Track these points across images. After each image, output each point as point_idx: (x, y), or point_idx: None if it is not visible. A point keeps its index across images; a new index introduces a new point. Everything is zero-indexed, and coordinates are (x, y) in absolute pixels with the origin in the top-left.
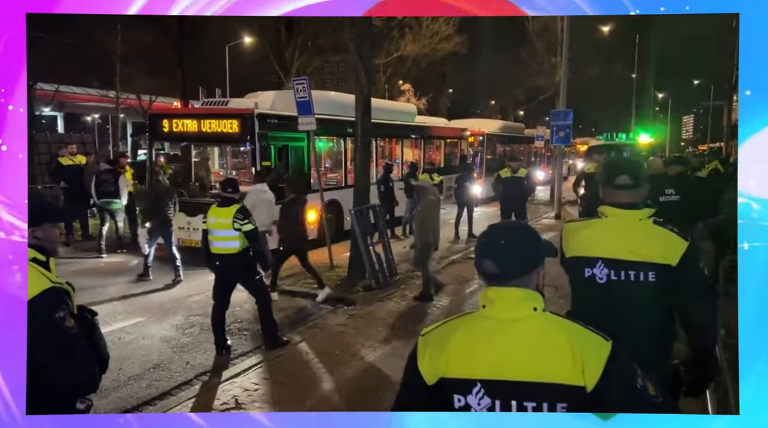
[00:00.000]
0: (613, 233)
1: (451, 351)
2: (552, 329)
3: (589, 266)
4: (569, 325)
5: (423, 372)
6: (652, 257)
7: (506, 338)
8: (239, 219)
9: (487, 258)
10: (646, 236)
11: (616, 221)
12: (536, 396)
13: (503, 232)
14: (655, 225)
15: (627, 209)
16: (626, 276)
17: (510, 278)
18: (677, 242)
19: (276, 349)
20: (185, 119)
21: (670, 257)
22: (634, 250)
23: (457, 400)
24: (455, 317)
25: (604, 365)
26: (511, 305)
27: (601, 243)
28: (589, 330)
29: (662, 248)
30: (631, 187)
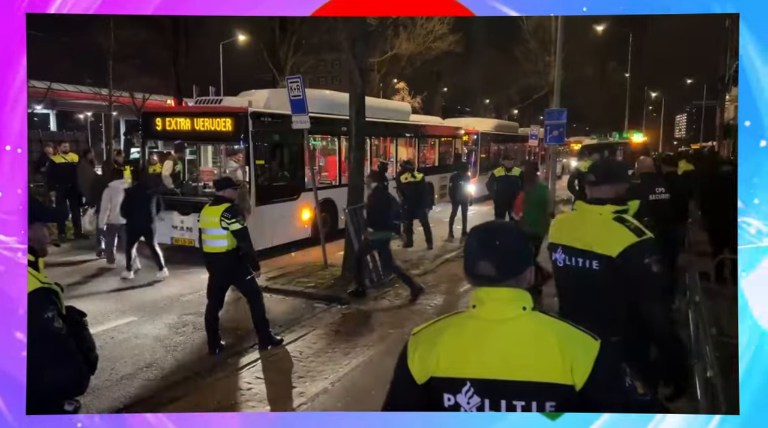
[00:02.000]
0: (573, 224)
1: (441, 350)
2: (541, 328)
3: (554, 251)
4: (558, 324)
5: (413, 371)
6: (596, 248)
7: (496, 337)
8: (226, 218)
9: (482, 260)
10: (599, 229)
11: (580, 214)
12: (525, 395)
13: (495, 233)
14: (613, 221)
15: (592, 204)
16: (576, 262)
17: (505, 279)
18: (625, 236)
19: (269, 348)
20: (179, 117)
21: (611, 249)
22: (585, 240)
23: (447, 399)
24: (445, 317)
25: (593, 364)
26: (501, 306)
27: (563, 232)
28: (578, 329)
29: (607, 241)
30: (595, 184)
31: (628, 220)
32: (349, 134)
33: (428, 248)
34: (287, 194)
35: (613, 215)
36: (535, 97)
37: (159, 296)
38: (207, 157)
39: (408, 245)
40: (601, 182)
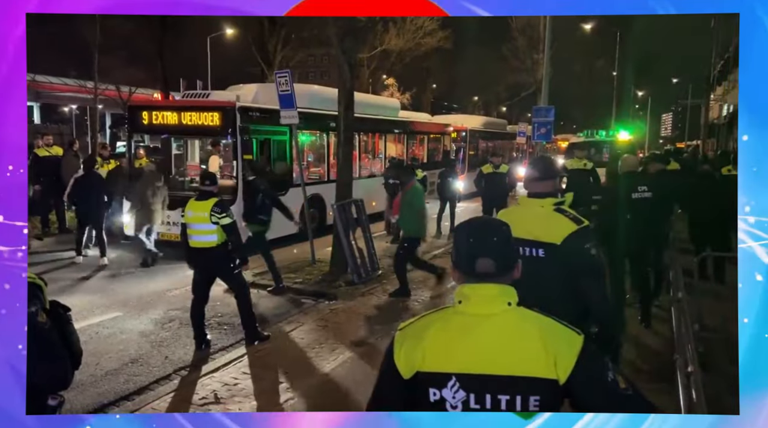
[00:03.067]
0: (518, 217)
1: (427, 345)
2: (525, 323)
3: None
4: (542, 319)
5: (399, 366)
6: (541, 237)
7: (481, 333)
8: (217, 213)
9: (483, 257)
10: (541, 220)
11: (523, 207)
12: (510, 389)
13: (491, 230)
14: (554, 211)
15: (533, 198)
16: (523, 252)
17: (503, 274)
18: (566, 225)
19: (256, 344)
20: (165, 111)
21: (555, 237)
22: (529, 230)
23: (432, 394)
24: (431, 312)
25: (576, 358)
26: (486, 301)
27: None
28: (562, 324)
29: (550, 230)
30: (537, 179)
31: (567, 211)
32: (337, 129)
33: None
34: (275, 189)
35: (553, 207)
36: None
37: (145, 292)
38: (194, 151)
39: (395, 242)
40: (543, 178)
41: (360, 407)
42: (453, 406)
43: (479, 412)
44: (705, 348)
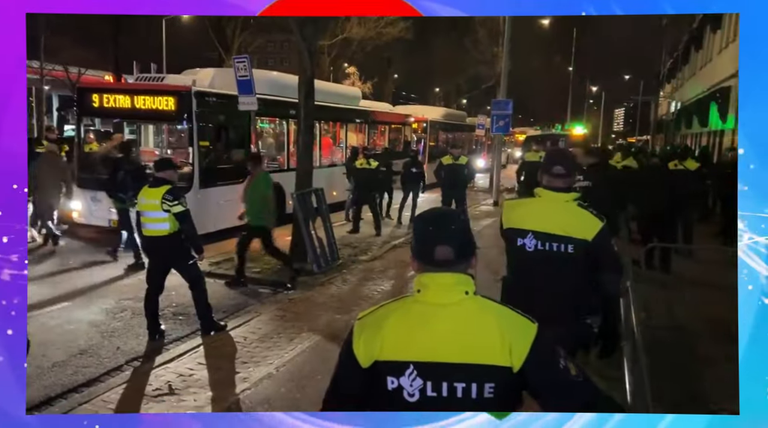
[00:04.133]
0: (543, 211)
1: (386, 334)
2: (482, 312)
3: (521, 237)
4: (498, 309)
5: (358, 355)
6: (572, 233)
7: (439, 321)
8: (168, 200)
9: (443, 245)
10: (570, 215)
11: (547, 201)
12: (466, 376)
13: (449, 219)
14: (578, 207)
15: (557, 192)
16: (550, 247)
17: (462, 262)
18: (594, 221)
19: (212, 334)
20: (118, 94)
21: (586, 233)
22: (559, 225)
23: (390, 382)
24: (391, 302)
25: (530, 346)
26: (444, 290)
27: (532, 218)
28: (517, 313)
29: (581, 226)
30: (563, 175)
31: (586, 206)
32: (298, 117)
33: (376, 234)
34: (233, 177)
35: (576, 203)
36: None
37: (95, 281)
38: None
39: (354, 231)
40: (568, 174)
41: (318, 397)
42: (410, 394)
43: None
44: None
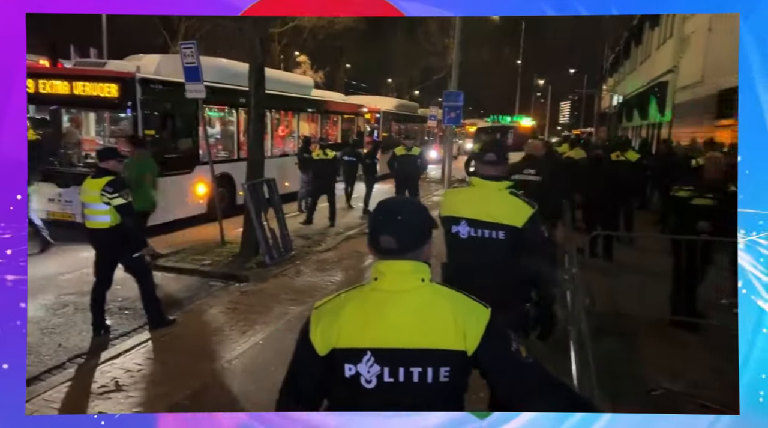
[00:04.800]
0: (476, 199)
1: (344, 322)
2: (437, 298)
3: (455, 224)
4: (453, 294)
5: (315, 343)
6: (503, 220)
7: (396, 308)
8: (108, 192)
9: (385, 234)
10: (501, 203)
11: (480, 189)
12: (422, 361)
13: (398, 208)
14: (510, 195)
15: (489, 180)
16: (482, 234)
17: (406, 252)
18: (524, 209)
19: (161, 328)
20: (56, 79)
21: (517, 220)
22: (490, 213)
23: (348, 369)
24: (348, 290)
25: (484, 331)
26: (400, 278)
27: (466, 206)
28: (471, 298)
29: (512, 213)
30: (494, 163)
31: (518, 193)
32: (248, 105)
33: (331, 225)
34: (180, 167)
35: (508, 191)
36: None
37: (33, 276)
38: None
39: (308, 222)
40: (500, 162)
41: (273, 388)
42: (367, 380)
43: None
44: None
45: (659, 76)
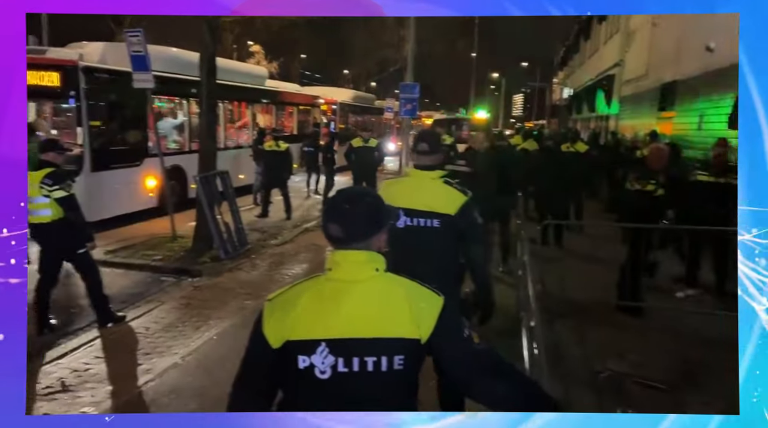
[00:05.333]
0: (411, 189)
1: (298, 313)
2: (392, 288)
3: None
4: (407, 283)
5: (268, 336)
6: (437, 208)
7: (350, 298)
8: (47, 184)
9: (332, 222)
10: (434, 192)
11: (415, 179)
12: (376, 350)
13: (348, 198)
14: (443, 184)
15: (424, 170)
16: (418, 223)
17: (353, 241)
18: (458, 197)
19: (110, 326)
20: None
21: (450, 208)
22: (425, 202)
23: (302, 361)
24: (302, 281)
25: (437, 318)
26: (355, 268)
27: (402, 196)
28: (425, 287)
29: (445, 202)
30: (428, 152)
31: (452, 182)
32: (199, 96)
33: (287, 218)
34: (128, 159)
35: (442, 180)
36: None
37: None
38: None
39: (263, 216)
40: (433, 151)
41: (228, 383)
42: (321, 371)
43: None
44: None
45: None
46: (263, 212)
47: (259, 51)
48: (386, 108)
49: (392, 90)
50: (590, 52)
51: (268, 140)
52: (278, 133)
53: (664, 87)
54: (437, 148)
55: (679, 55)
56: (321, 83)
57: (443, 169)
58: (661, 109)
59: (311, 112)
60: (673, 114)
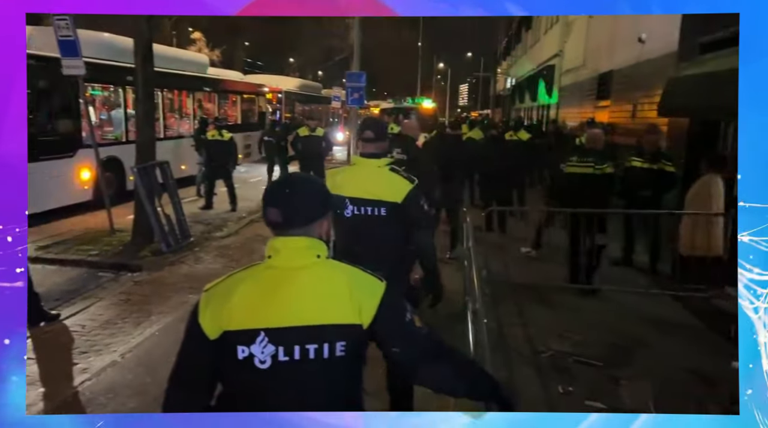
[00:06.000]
0: (357, 177)
1: (236, 303)
2: (333, 274)
3: (341, 204)
4: (349, 269)
5: (204, 327)
6: (384, 196)
7: (291, 286)
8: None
9: (272, 207)
10: (381, 180)
11: (361, 168)
12: (317, 338)
13: (289, 183)
14: (390, 171)
15: (369, 158)
16: (365, 211)
17: (292, 227)
18: (404, 184)
19: (42, 324)
20: None
21: (397, 196)
22: (371, 190)
23: (241, 351)
24: (240, 270)
25: (379, 303)
26: (295, 254)
27: (348, 185)
28: (366, 272)
29: (391, 189)
30: (373, 140)
31: (399, 170)
32: (135, 84)
33: (232, 209)
34: (59, 150)
35: (388, 167)
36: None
37: None
38: None
39: (207, 207)
40: (378, 139)
41: None
42: (261, 361)
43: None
44: (490, 290)
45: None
46: (207, 203)
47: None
48: (333, 97)
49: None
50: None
51: (211, 130)
52: (221, 122)
53: (601, 77)
54: (383, 135)
55: (613, 46)
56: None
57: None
58: (598, 98)
59: (256, 100)
60: (609, 103)
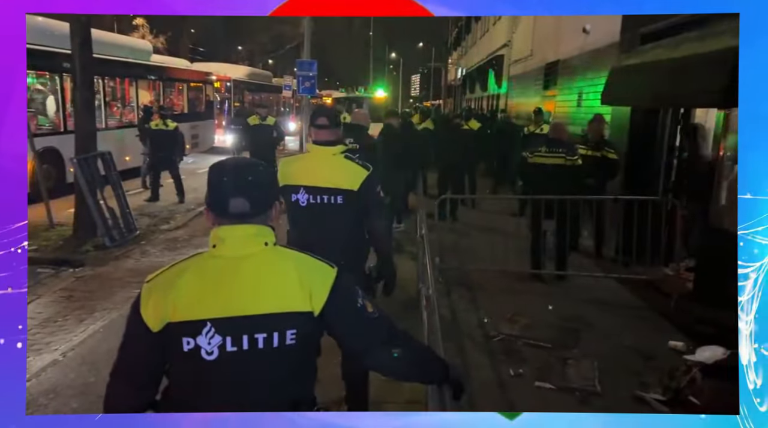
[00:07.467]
0: (312, 165)
1: (179, 294)
2: (281, 261)
3: (294, 193)
4: (298, 256)
5: (147, 319)
6: (340, 184)
7: (238, 274)
8: None
9: (238, 197)
10: (336, 167)
11: (315, 156)
12: (266, 326)
13: (246, 170)
14: (345, 159)
15: (323, 145)
16: (321, 200)
17: (257, 214)
18: (359, 171)
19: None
20: None
21: (353, 183)
22: (327, 178)
23: (186, 343)
24: (183, 260)
25: (329, 290)
26: (243, 242)
27: (302, 173)
28: (317, 259)
29: (347, 177)
30: (326, 126)
31: (353, 157)
32: (72, 71)
33: (179, 201)
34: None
35: (343, 155)
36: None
37: None
38: None
39: (153, 199)
40: (332, 126)
41: None
42: (208, 352)
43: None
44: (443, 277)
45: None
46: (153, 195)
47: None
48: (284, 86)
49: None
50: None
51: (155, 119)
52: (165, 111)
53: (547, 67)
54: (336, 122)
55: (559, 36)
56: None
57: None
58: (545, 87)
59: (203, 89)
60: (555, 92)
